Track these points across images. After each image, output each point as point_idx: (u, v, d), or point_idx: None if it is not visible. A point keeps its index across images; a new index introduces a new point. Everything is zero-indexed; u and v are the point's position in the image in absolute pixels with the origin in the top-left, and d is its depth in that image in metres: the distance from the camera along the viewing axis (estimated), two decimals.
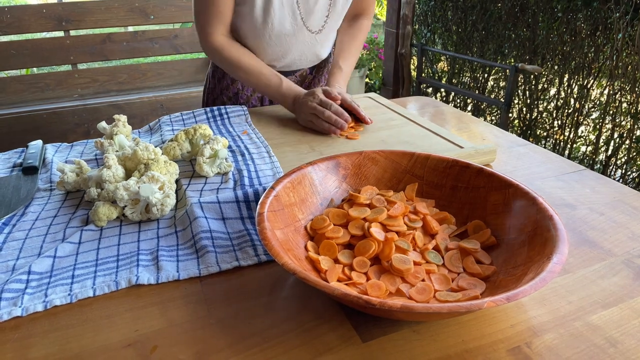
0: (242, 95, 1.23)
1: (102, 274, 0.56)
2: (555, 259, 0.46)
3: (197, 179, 0.78)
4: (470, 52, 3.13)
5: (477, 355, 0.45)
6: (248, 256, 0.59)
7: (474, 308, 0.41)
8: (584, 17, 2.41)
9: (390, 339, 0.47)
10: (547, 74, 2.70)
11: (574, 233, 0.64)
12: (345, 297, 0.42)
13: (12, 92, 2.50)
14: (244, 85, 1.22)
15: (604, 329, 0.48)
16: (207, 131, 0.84)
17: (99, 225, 0.65)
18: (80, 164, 0.75)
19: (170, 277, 0.55)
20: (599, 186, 0.77)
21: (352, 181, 0.68)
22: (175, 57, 2.83)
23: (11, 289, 0.52)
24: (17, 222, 0.67)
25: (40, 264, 0.56)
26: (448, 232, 0.60)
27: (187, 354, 0.45)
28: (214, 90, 1.26)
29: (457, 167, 0.66)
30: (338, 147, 0.90)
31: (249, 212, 0.67)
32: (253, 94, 1.24)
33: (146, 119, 2.54)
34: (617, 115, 2.39)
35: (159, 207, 0.66)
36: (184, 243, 0.62)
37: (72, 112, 2.43)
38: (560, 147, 2.71)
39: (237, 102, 1.24)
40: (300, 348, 0.46)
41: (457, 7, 3.11)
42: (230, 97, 1.24)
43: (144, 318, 0.50)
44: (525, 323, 0.49)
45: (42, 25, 2.47)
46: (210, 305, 0.52)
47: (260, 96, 1.25)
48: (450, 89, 3.27)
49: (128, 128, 0.89)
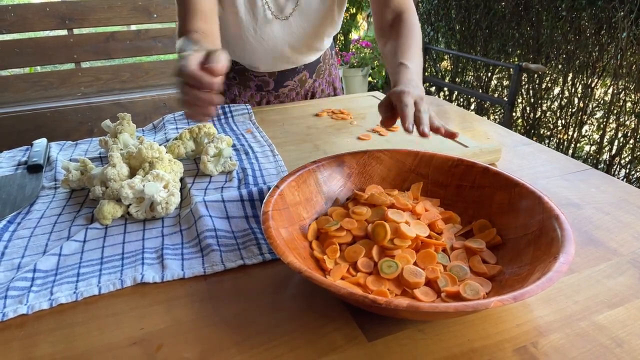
0: (239, 101, 1.20)
1: (108, 272, 0.56)
2: (562, 259, 0.46)
3: (202, 177, 0.78)
4: (473, 51, 3.12)
5: (482, 355, 0.45)
6: (253, 255, 0.59)
7: (481, 307, 0.40)
8: (589, 15, 2.41)
9: (396, 338, 0.47)
10: (551, 73, 2.69)
11: (579, 232, 0.64)
12: (350, 296, 0.42)
13: (15, 90, 2.50)
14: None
15: (610, 328, 0.48)
16: (211, 130, 0.84)
17: (104, 224, 0.65)
18: (85, 162, 0.75)
19: (175, 275, 0.55)
20: (605, 185, 0.77)
21: (356, 180, 0.68)
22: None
23: (17, 286, 0.52)
24: (22, 221, 0.67)
25: (46, 262, 0.56)
26: (453, 231, 0.60)
27: (192, 352, 0.45)
28: None
29: (462, 166, 0.66)
30: (342, 146, 0.90)
31: (254, 210, 0.67)
32: (250, 100, 1.20)
33: (149, 117, 2.54)
34: (621, 115, 2.38)
35: (163, 206, 0.66)
36: (189, 241, 0.62)
37: (75, 111, 2.44)
38: (564, 147, 2.70)
39: None
40: (305, 347, 0.46)
41: (460, 6, 3.10)
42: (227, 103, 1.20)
43: (150, 316, 0.50)
44: (531, 323, 0.48)
45: (46, 23, 2.47)
46: (215, 303, 0.52)
47: (258, 101, 1.20)
48: (453, 88, 3.26)
49: (132, 126, 0.89)
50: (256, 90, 1.18)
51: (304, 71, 1.18)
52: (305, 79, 1.20)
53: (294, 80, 1.18)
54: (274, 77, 1.16)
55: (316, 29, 1.08)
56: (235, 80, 1.18)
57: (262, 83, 1.17)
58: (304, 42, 1.09)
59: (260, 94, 1.19)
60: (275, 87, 1.17)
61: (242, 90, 1.19)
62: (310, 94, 1.25)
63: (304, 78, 1.19)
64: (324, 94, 1.26)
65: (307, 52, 1.14)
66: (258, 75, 1.15)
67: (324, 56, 1.22)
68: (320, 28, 1.09)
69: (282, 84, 1.17)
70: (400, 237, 0.55)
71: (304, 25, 1.06)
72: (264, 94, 1.19)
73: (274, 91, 1.18)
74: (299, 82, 1.19)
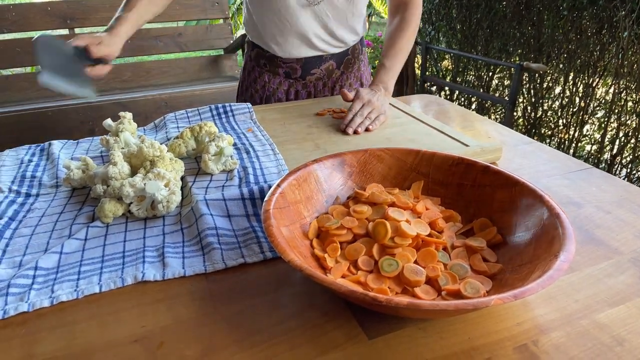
0: (269, 87, 1.24)
1: (109, 270, 0.56)
2: (563, 257, 0.46)
3: (203, 176, 0.78)
4: (474, 51, 3.12)
5: (483, 353, 0.45)
6: (253, 253, 0.59)
7: (481, 305, 0.41)
8: (590, 15, 2.40)
9: (397, 336, 0.47)
10: (552, 73, 2.68)
11: (580, 231, 0.64)
12: (351, 294, 0.42)
13: (17, 90, 2.51)
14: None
15: (610, 327, 0.48)
16: (212, 129, 0.84)
17: (105, 222, 0.65)
18: (86, 160, 0.75)
19: (176, 273, 0.55)
20: (606, 184, 0.77)
21: (357, 179, 0.68)
22: (179, 55, 2.83)
23: (18, 284, 0.52)
24: (23, 219, 0.67)
25: (47, 260, 0.56)
26: (454, 230, 0.60)
27: (193, 349, 0.45)
28: (244, 82, 1.29)
29: (463, 164, 0.66)
30: (343, 144, 0.90)
31: (254, 209, 0.67)
32: (279, 87, 1.24)
33: (150, 116, 2.54)
34: (622, 114, 2.38)
35: (164, 204, 0.66)
36: (190, 240, 0.62)
37: (76, 110, 2.44)
38: (565, 146, 2.70)
39: (264, 95, 1.24)
40: (306, 345, 0.46)
41: (461, 5, 3.10)
42: (257, 90, 1.25)
43: (151, 314, 0.50)
44: (531, 321, 0.48)
45: (47, 23, 2.47)
46: (216, 301, 0.52)
47: (286, 89, 1.24)
48: (454, 87, 3.26)
49: (133, 125, 0.89)
50: (284, 77, 1.22)
51: (330, 61, 1.21)
52: (332, 69, 1.23)
53: (320, 69, 1.21)
54: (300, 64, 1.19)
55: (341, 19, 1.14)
56: (266, 67, 1.22)
57: (290, 70, 1.21)
58: (329, 31, 1.15)
59: (289, 81, 1.23)
60: (303, 75, 1.21)
61: (272, 77, 1.23)
62: (339, 87, 1.26)
63: (330, 68, 1.22)
64: (351, 88, 1.27)
65: (332, 41, 1.18)
66: (286, 61, 1.19)
67: (352, 50, 1.25)
68: (344, 18, 1.14)
69: (309, 71, 1.21)
70: (401, 235, 0.55)
71: (331, 13, 1.12)
72: (292, 82, 1.23)
73: (301, 79, 1.22)
74: (326, 71, 1.22)
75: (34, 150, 0.91)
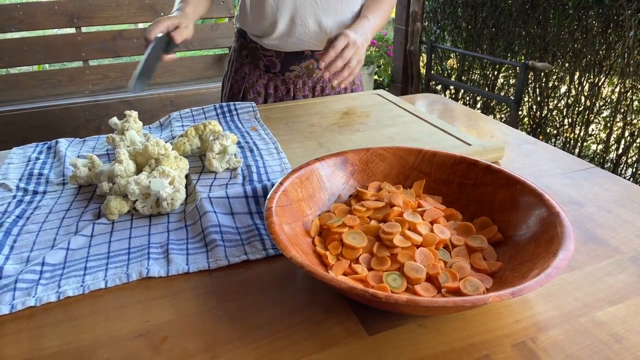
0: (248, 79, 1.23)
1: (114, 266, 0.57)
2: (561, 255, 0.47)
3: (207, 174, 0.79)
4: (480, 50, 3.11)
5: (482, 350, 0.45)
6: (256, 250, 0.60)
7: (479, 302, 0.41)
8: (595, 14, 2.39)
9: (397, 332, 0.47)
10: (558, 72, 2.67)
11: (581, 230, 0.64)
12: (351, 290, 0.43)
13: (24, 88, 2.53)
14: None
15: (609, 325, 0.48)
16: (216, 127, 0.85)
17: (111, 219, 0.66)
18: (93, 158, 0.76)
19: (180, 270, 0.56)
20: (608, 184, 0.77)
21: (359, 177, 0.69)
22: (185, 54, 2.85)
23: (25, 279, 0.53)
24: (31, 215, 0.69)
25: (54, 256, 0.57)
26: (455, 228, 0.61)
27: (196, 344, 0.46)
28: (228, 72, 1.30)
29: (464, 163, 0.66)
30: (346, 143, 0.91)
31: (257, 207, 0.68)
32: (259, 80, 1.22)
33: (156, 115, 2.55)
34: (628, 114, 2.37)
35: (169, 202, 0.67)
36: (194, 237, 0.63)
37: (83, 108, 2.46)
38: (570, 146, 2.69)
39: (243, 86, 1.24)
40: (307, 341, 0.47)
41: (467, 4, 3.09)
42: (237, 80, 1.25)
43: (155, 309, 0.51)
44: (530, 319, 0.49)
45: (54, 22, 2.49)
46: (219, 297, 0.53)
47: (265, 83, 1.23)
48: (459, 86, 3.25)
49: (139, 124, 0.90)
50: (264, 71, 1.22)
51: (310, 59, 1.20)
52: (312, 67, 1.21)
53: (299, 66, 1.20)
54: (280, 59, 1.19)
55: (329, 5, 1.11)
56: (247, 59, 1.23)
57: (270, 64, 1.20)
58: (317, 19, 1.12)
59: (268, 75, 1.22)
60: (282, 70, 1.20)
61: (252, 70, 1.23)
62: (320, 87, 1.25)
63: (310, 66, 1.21)
64: (333, 90, 1.26)
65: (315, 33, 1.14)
66: (266, 55, 1.19)
67: None
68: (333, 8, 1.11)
69: (288, 67, 1.20)
70: (402, 234, 0.55)
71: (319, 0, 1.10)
72: (271, 76, 1.22)
73: (280, 74, 1.21)
74: (305, 69, 1.20)
75: (41, 148, 0.92)
